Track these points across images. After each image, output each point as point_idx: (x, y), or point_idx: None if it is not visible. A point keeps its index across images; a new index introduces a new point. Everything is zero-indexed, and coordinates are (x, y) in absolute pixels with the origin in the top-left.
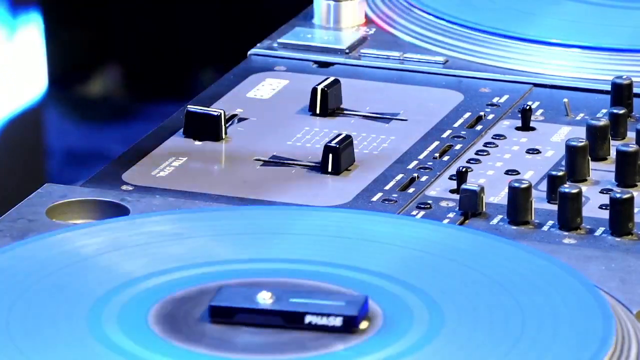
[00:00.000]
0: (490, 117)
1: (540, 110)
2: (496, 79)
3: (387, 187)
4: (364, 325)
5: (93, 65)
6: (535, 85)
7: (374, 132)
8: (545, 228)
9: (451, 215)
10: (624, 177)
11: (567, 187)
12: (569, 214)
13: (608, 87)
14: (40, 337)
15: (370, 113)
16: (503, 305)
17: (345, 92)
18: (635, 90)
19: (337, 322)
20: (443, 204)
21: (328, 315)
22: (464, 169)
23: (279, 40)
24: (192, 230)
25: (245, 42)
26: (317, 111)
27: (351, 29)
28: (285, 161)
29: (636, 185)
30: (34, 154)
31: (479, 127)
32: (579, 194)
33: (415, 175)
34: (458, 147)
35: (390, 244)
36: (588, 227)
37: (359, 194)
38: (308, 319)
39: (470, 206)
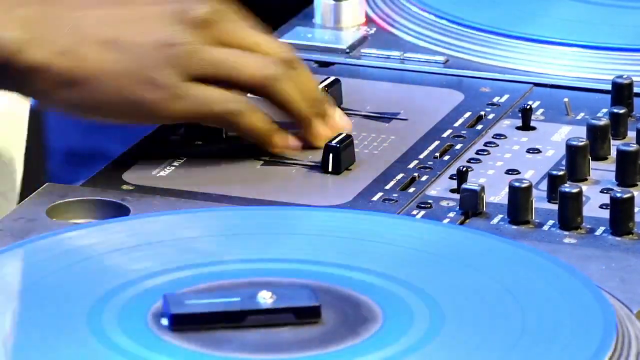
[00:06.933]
0: (491, 116)
1: (541, 110)
2: (496, 78)
3: (387, 187)
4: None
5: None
6: (536, 84)
7: (374, 132)
8: (545, 227)
9: (451, 214)
10: (624, 177)
11: (568, 187)
12: (569, 213)
13: (608, 87)
14: (41, 337)
15: (371, 112)
16: (503, 305)
17: (345, 91)
18: (636, 89)
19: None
20: (443, 203)
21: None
22: (464, 169)
23: (280, 40)
24: (192, 230)
25: None
26: None
27: (352, 29)
28: (286, 161)
29: (636, 185)
30: (34, 154)
31: (479, 127)
32: (580, 193)
33: (416, 174)
34: (458, 146)
35: (391, 244)
36: (588, 226)
37: (359, 193)
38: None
39: (471, 206)
